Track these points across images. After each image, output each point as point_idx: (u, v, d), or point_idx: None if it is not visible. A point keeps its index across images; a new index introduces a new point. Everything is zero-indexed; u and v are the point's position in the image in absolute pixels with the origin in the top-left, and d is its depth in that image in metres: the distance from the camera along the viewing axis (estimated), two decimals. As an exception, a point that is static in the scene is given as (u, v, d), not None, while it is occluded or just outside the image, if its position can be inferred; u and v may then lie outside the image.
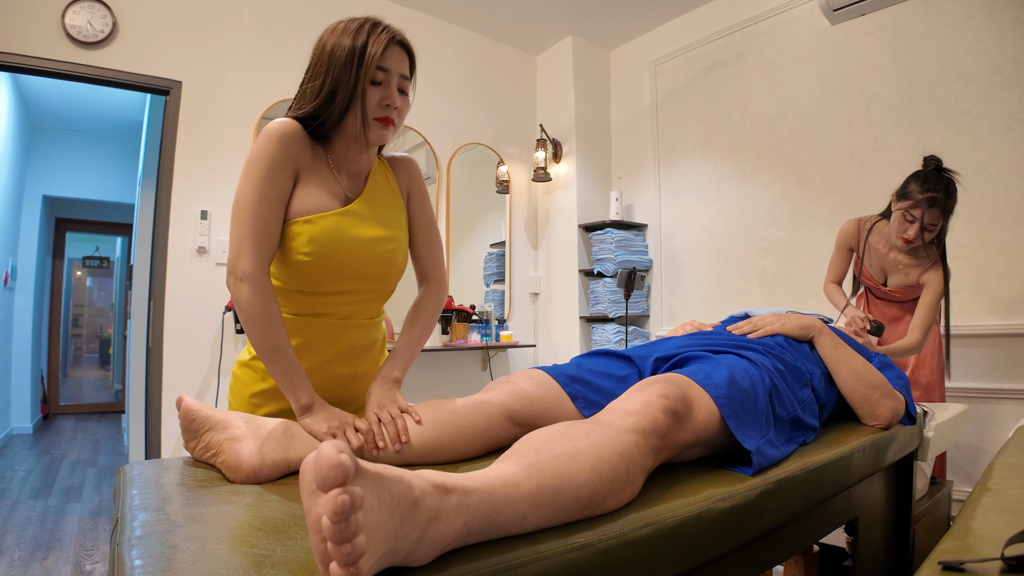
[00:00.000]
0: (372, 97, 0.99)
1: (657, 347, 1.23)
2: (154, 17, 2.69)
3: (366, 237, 1.04)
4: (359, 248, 1.03)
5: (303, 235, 0.98)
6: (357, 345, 1.11)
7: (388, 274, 1.09)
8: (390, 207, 1.11)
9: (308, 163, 1.02)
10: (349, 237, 1.01)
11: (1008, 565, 0.48)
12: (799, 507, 0.94)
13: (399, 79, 1.01)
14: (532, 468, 0.64)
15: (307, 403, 0.94)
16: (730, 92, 3.32)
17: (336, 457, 0.45)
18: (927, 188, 1.83)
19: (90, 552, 2.38)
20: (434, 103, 3.59)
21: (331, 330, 1.07)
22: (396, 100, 1.01)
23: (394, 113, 1.02)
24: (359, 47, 0.97)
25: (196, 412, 0.91)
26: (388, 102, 1.00)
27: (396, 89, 1.01)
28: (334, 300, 1.06)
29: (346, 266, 1.02)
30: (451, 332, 3.43)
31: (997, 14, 2.36)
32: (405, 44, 1.03)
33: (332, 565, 0.45)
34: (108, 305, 7.12)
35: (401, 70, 1.01)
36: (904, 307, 2.11)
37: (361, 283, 1.06)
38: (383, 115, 1.01)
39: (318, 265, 1.00)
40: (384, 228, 1.07)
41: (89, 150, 5.56)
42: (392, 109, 1.01)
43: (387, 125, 1.02)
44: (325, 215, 1.00)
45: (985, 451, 2.33)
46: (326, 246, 0.99)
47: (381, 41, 0.97)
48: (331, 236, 1.00)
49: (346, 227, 1.02)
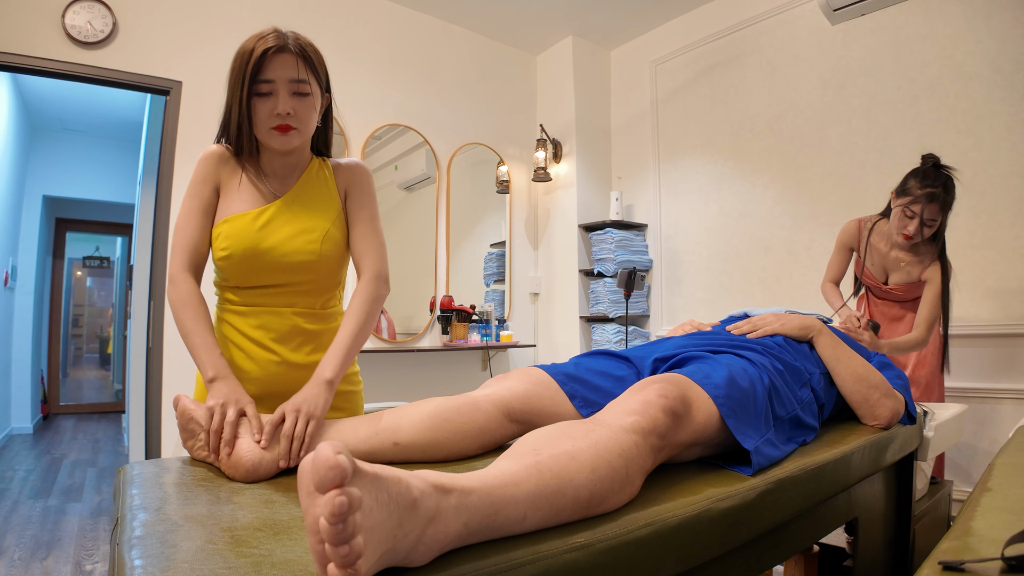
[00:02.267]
0: (262, 110, 1.04)
1: (656, 347, 1.23)
2: (154, 17, 2.69)
3: (283, 230, 1.09)
4: (274, 242, 1.07)
5: (221, 234, 1.07)
6: (297, 332, 1.13)
7: (314, 266, 1.11)
8: (318, 201, 1.15)
9: (230, 177, 1.11)
10: (263, 233, 1.07)
11: (1008, 565, 0.47)
12: (799, 507, 0.94)
13: (289, 84, 1.03)
14: (531, 468, 0.64)
15: (211, 376, 0.98)
16: (730, 92, 3.32)
17: (334, 458, 0.45)
18: (926, 184, 1.86)
19: (90, 552, 2.38)
20: (434, 103, 3.59)
21: (267, 316, 1.11)
22: (287, 107, 1.03)
23: (290, 119, 1.04)
24: (241, 65, 1.03)
25: (193, 411, 0.92)
26: (277, 111, 1.03)
27: (288, 94, 1.03)
28: (267, 292, 1.11)
29: (263, 260, 1.07)
30: (451, 332, 3.43)
31: (997, 14, 2.36)
32: (290, 48, 1.04)
33: (330, 566, 0.45)
34: (108, 305, 7.12)
35: (288, 75, 1.03)
36: (905, 306, 2.11)
37: (287, 276, 1.10)
38: (276, 124, 1.05)
39: (236, 260, 1.07)
40: (307, 220, 1.11)
41: (89, 150, 5.56)
42: (285, 116, 1.04)
43: (284, 132, 1.05)
44: (240, 214, 1.08)
45: (985, 451, 2.33)
46: (239, 241, 1.06)
47: (257, 53, 1.01)
48: (244, 233, 1.06)
49: (262, 223, 1.08)
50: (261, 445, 0.86)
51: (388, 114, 3.40)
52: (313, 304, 1.15)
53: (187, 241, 1.08)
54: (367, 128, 3.32)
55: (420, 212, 3.57)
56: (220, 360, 1.00)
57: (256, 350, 1.10)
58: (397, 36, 3.44)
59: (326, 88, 1.15)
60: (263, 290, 1.11)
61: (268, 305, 1.11)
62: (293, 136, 1.07)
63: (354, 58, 3.26)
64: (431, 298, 3.51)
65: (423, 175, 3.56)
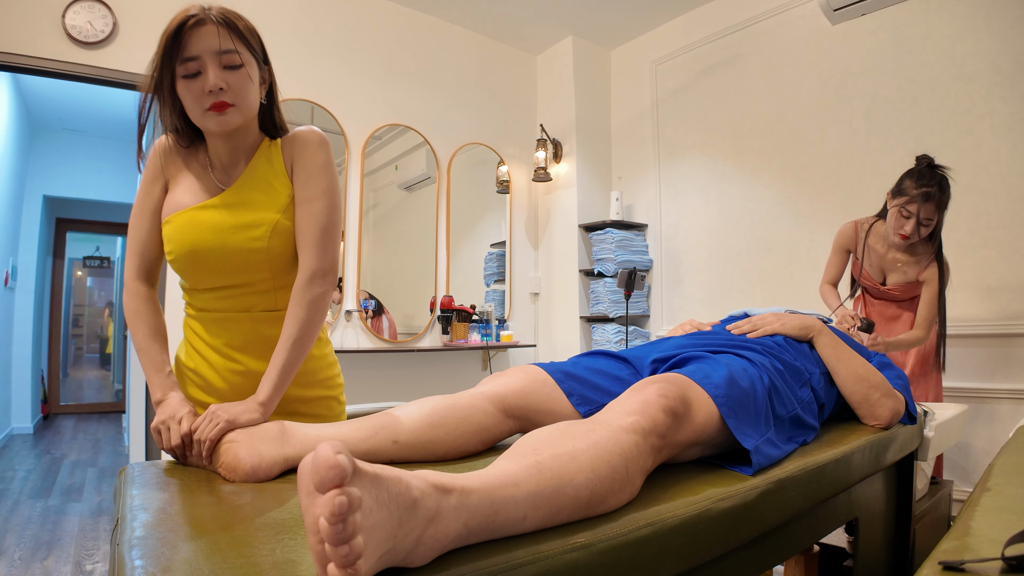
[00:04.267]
0: (192, 90, 0.94)
1: (655, 347, 1.23)
2: (154, 17, 2.69)
3: (224, 226, 0.99)
4: (216, 238, 0.98)
5: (165, 235, 1.01)
6: (258, 339, 1.05)
7: (265, 263, 1.01)
8: (268, 190, 1.03)
9: (176, 170, 1.04)
10: (204, 229, 0.98)
11: (1008, 565, 0.47)
12: (799, 507, 0.94)
13: (217, 57, 0.93)
14: (531, 468, 0.64)
15: (158, 399, 0.96)
16: (730, 92, 3.32)
17: (333, 458, 0.45)
18: (921, 184, 1.88)
19: (90, 552, 2.38)
20: (434, 103, 3.59)
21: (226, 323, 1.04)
22: (217, 81, 0.92)
23: (224, 95, 0.94)
24: (160, 51, 0.93)
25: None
26: (209, 88, 0.93)
27: (218, 68, 0.93)
28: (222, 295, 1.03)
29: (209, 259, 0.99)
30: (451, 332, 3.43)
31: (997, 14, 2.36)
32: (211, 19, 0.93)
33: (330, 566, 0.45)
34: (108, 305, 7.12)
35: (212, 47, 0.92)
36: (903, 306, 2.12)
37: (237, 276, 1.01)
38: (210, 103, 0.94)
39: (181, 262, 1.00)
40: (252, 213, 1.00)
41: (89, 150, 5.57)
42: (218, 93, 0.93)
43: (221, 110, 0.94)
44: (180, 212, 1.00)
45: (985, 451, 2.33)
46: (181, 243, 0.99)
47: (168, 31, 0.91)
48: (184, 232, 0.99)
49: (202, 220, 0.99)
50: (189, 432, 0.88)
51: (388, 114, 3.40)
52: (274, 304, 1.05)
53: (137, 244, 1.02)
54: (367, 128, 3.32)
55: (420, 212, 3.57)
56: (168, 380, 0.98)
57: (217, 358, 1.05)
58: (397, 36, 3.44)
59: (264, 60, 1.03)
60: (217, 292, 1.03)
61: (226, 310, 1.04)
62: (231, 113, 0.95)
63: (354, 58, 3.26)
64: (431, 298, 3.51)
65: (423, 175, 3.56)
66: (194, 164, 1.04)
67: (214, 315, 1.05)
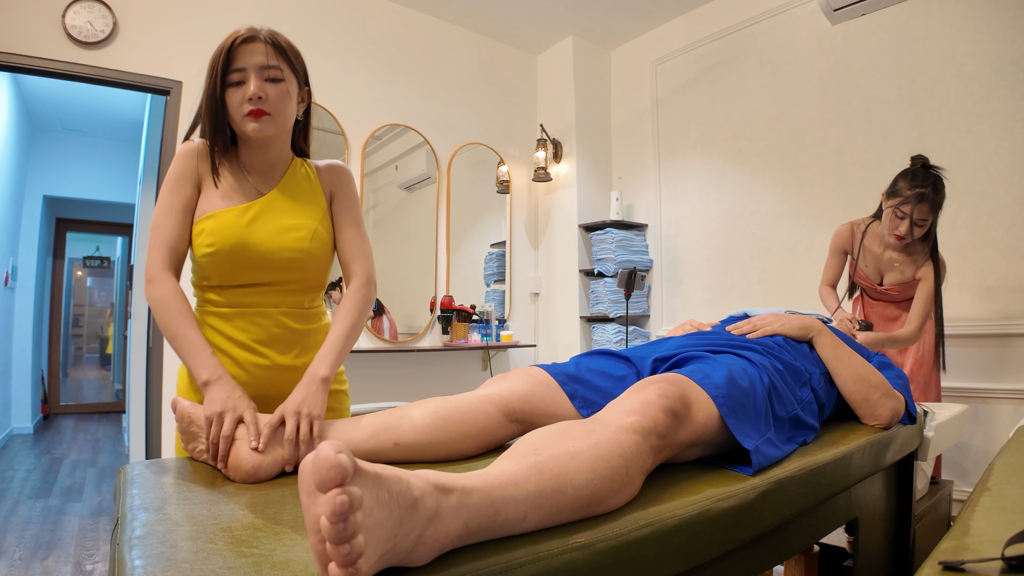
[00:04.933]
0: (235, 98, 1.03)
1: (656, 347, 1.23)
2: (154, 17, 2.69)
3: (271, 227, 1.07)
4: (262, 238, 1.05)
5: (205, 231, 1.04)
6: (285, 332, 1.10)
7: (302, 264, 1.09)
8: (306, 200, 1.13)
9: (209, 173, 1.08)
10: (251, 228, 1.05)
11: (1008, 565, 0.48)
12: (799, 507, 0.94)
13: (261, 71, 1.03)
14: (532, 468, 0.65)
15: (205, 379, 0.96)
16: (730, 92, 3.32)
17: (335, 457, 0.45)
18: (915, 184, 1.89)
19: (91, 552, 2.38)
20: (434, 103, 3.59)
21: (253, 317, 1.08)
22: (258, 92, 1.02)
23: (263, 104, 1.03)
24: (214, 60, 1.03)
25: (192, 414, 0.92)
26: (249, 96, 1.02)
27: (261, 81, 1.03)
28: (251, 291, 1.08)
29: (250, 257, 1.05)
30: (451, 332, 3.43)
31: (997, 14, 2.36)
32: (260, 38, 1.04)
33: (331, 565, 0.45)
34: (108, 305, 7.12)
35: (259, 62, 1.03)
36: (900, 306, 2.13)
37: (274, 274, 1.08)
38: (249, 109, 1.03)
39: (221, 258, 1.04)
40: (294, 218, 1.09)
41: (89, 150, 5.56)
42: (257, 101, 1.02)
43: (258, 117, 1.03)
44: (226, 210, 1.05)
45: (983, 451, 2.33)
46: (225, 238, 1.03)
47: (224, 47, 1.02)
48: (231, 229, 1.04)
49: (248, 219, 1.05)
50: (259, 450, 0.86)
51: (388, 114, 3.40)
52: (300, 303, 1.13)
53: (167, 239, 1.04)
54: (367, 128, 3.32)
55: (420, 212, 3.57)
56: (212, 360, 0.98)
57: (241, 353, 1.07)
58: (397, 36, 3.44)
59: (304, 82, 1.13)
60: (248, 289, 1.07)
61: (254, 305, 1.08)
62: (266, 122, 1.04)
63: (354, 58, 3.26)
64: (431, 298, 3.51)
65: (423, 175, 3.56)
66: (231, 170, 1.10)
67: (242, 310, 1.08)
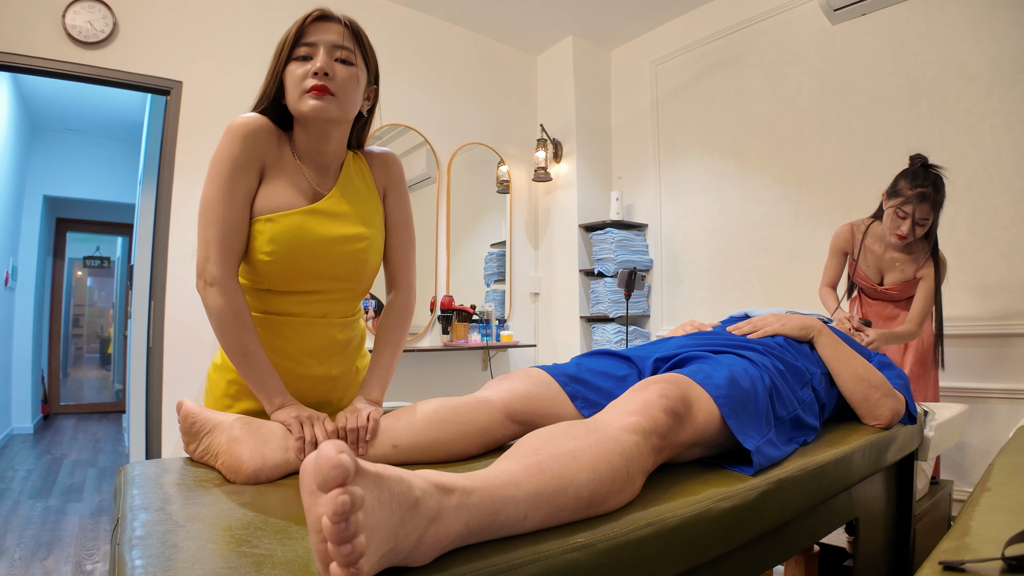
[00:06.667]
0: (297, 72, 0.96)
1: (657, 347, 1.23)
2: (154, 17, 2.69)
3: (333, 236, 0.99)
4: (324, 247, 0.98)
5: (264, 234, 0.95)
6: (330, 344, 1.07)
7: (359, 274, 1.04)
8: (364, 204, 1.06)
9: (274, 159, 0.99)
10: (313, 236, 0.97)
11: (1008, 565, 0.48)
12: (799, 507, 0.94)
13: (332, 49, 0.96)
14: (532, 468, 0.65)
15: (280, 403, 0.94)
16: (730, 92, 3.32)
17: (336, 457, 0.45)
18: (916, 184, 1.89)
19: (91, 552, 2.38)
20: (434, 103, 3.59)
21: (303, 328, 1.03)
22: (326, 67, 0.94)
23: (328, 81, 0.95)
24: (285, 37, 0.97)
25: (196, 415, 0.92)
26: (315, 70, 0.94)
27: (330, 59, 0.96)
28: (303, 299, 1.02)
29: (311, 266, 0.98)
30: (451, 332, 3.43)
31: (997, 14, 2.36)
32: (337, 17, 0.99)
33: (332, 565, 0.45)
34: (109, 305, 7.12)
35: (331, 39, 0.96)
36: (899, 305, 2.13)
37: (330, 283, 1.02)
38: (311, 84, 0.94)
39: (281, 265, 0.97)
40: (355, 226, 1.02)
41: (89, 150, 5.56)
42: (322, 76, 0.94)
43: (320, 94, 0.94)
44: (287, 213, 0.97)
45: (982, 450, 2.34)
46: (287, 245, 0.96)
47: (300, 20, 0.96)
48: (293, 235, 0.96)
49: (311, 226, 0.98)
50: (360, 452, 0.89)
51: (388, 114, 3.40)
52: (346, 311, 1.09)
53: (231, 238, 0.93)
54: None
55: (420, 212, 3.57)
56: (282, 385, 0.96)
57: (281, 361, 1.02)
58: (397, 36, 3.44)
59: (374, 80, 1.07)
60: (300, 296, 1.02)
61: (303, 315, 1.03)
62: (329, 102, 0.95)
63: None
64: (431, 298, 3.51)
65: (423, 175, 3.56)
66: (287, 159, 1.01)
67: (289, 319, 1.02)
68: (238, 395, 1.06)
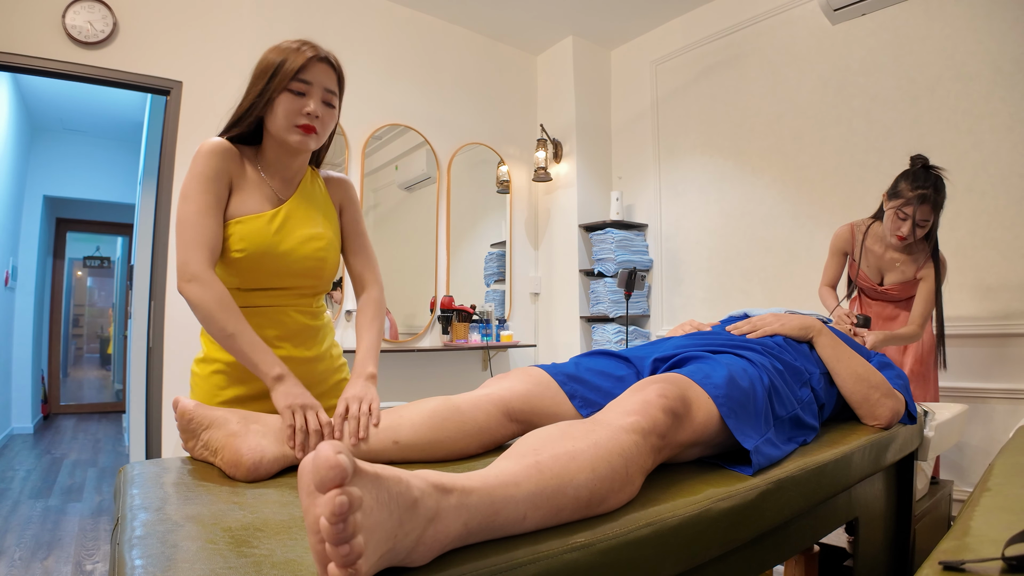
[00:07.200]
0: (292, 105, 1.07)
1: (656, 347, 1.23)
2: (154, 17, 2.69)
3: (295, 236, 1.11)
4: (288, 246, 1.10)
5: (235, 234, 1.07)
6: (302, 328, 1.17)
7: (320, 271, 1.15)
8: (320, 209, 1.19)
9: (239, 174, 1.11)
10: (278, 236, 1.09)
11: (1008, 565, 0.48)
12: (799, 507, 0.94)
13: (323, 92, 1.09)
14: (532, 468, 0.64)
15: (278, 374, 0.98)
16: (730, 92, 3.32)
17: (334, 458, 0.45)
18: (917, 185, 1.89)
19: (91, 552, 2.38)
20: (434, 103, 3.59)
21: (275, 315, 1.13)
22: (318, 110, 1.08)
23: (316, 122, 1.08)
24: (279, 61, 1.06)
25: (193, 412, 0.92)
26: (308, 111, 1.07)
27: (320, 101, 1.09)
28: (269, 295, 1.12)
29: (277, 263, 1.10)
30: (451, 332, 3.43)
31: (997, 14, 2.36)
32: (331, 62, 1.11)
33: (330, 566, 0.45)
34: (109, 305, 7.13)
35: (325, 84, 1.09)
36: (899, 305, 2.14)
37: (294, 279, 1.13)
38: (303, 123, 1.07)
39: (250, 261, 1.07)
40: (313, 227, 1.15)
41: (89, 150, 5.56)
42: (313, 118, 1.08)
43: (308, 132, 1.08)
44: (255, 216, 1.08)
45: (981, 450, 2.34)
46: (256, 244, 1.07)
47: (303, 55, 1.06)
48: (260, 235, 1.08)
49: (276, 226, 1.10)
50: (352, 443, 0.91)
51: (388, 114, 3.40)
52: (310, 304, 1.19)
53: (206, 238, 1.04)
54: (367, 128, 3.32)
55: (420, 212, 3.57)
56: (277, 358, 1.00)
57: None
58: (397, 36, 3.44)
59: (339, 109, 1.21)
60: (267, 292, 1.12)
61: (275, 304, 1.13)
62: (312, 139, 1.10)
63: (354, 58, 3.26)
64: (431, 298, 3.51)
65: (423, 175, 3.56)
66: (252, 171, 1.13)
67: (264, 309, 1.12)
68: (225, 384, 1.12)
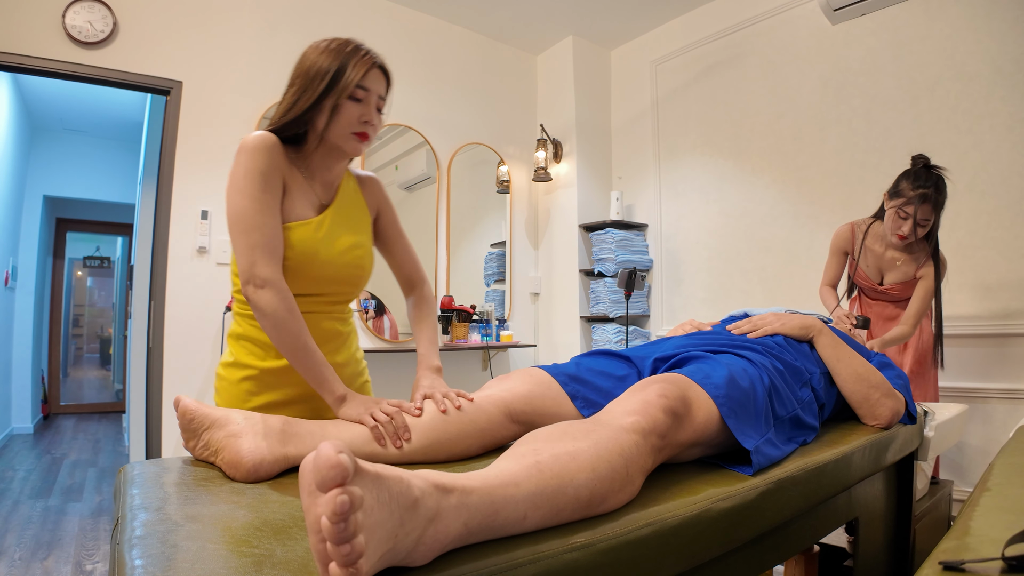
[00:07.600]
0: (352, 113, 1.07)
1: (656, 347, 1.23)
2: (154, 17, 2.69)
3: (338, 243, 1.12)
4: (331, 255, 1.10)
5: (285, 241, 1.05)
6: (334, 334, 1.17)
7: (359, 278, 1.17)
8: (358, 215, 1.20)
9: (289, 174, 1.09)
10: (323, 242, 1.09)
11: (1008, 565, 0.48)
12: (799, 507, 0.94)
13: (377, 99, 1.10)
14: (532, 468, 0.65)
15: (342, 394, 0.99)
16: (730, 92, 3.32)
17: (335, 457, 0.45)
18: (918, 185, 1.89)
19: (91, 552, 2.39)
20: (434, 103, 3.59)
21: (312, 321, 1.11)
22: (375, 118, 1.10)
23: (371, 129, 1.10)
24: (342, 67, 1.05)
25: (195, 411, 0.92)
26: (367, 119, 1.08)
27: (374, 108, 1.10)
28: (306, 301, 1.10)
29: (320, 270, 1.09)
30: (451, 332, 3.43)
31: (997, 14, 2.36)
32: (384, 68, 1.12)
33: (331, 565, 0.45)
34: (109, 305, 7.13)
35: (380, 91, 1.11)
36: (899, 305, 2.14)
37: (332, 286, 1.13)
38: (361, 130, 1.08)
39: (295, 268, 1.06)
40: (353, 234, 1.15)
41: (89, 150, 5.56)
42: (370, 126, 1.09)
43: (364, 140, 1.10)
44: (303, 223, 1.07)
45: (980, 450, 2.34)
46: (303, 251, 1.06)
47: (365, 63, 1.06)
48: (308, 242, 1.07)
49: (322, 234, 1.09)
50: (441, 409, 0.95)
51: (388, 114, 3.40)
52: (342, 311, 1.20)
53: (274, 241, 1.00)
54: (367, 128, 3.31)
55: (420, 212, 3.57)
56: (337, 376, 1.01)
57: None
58: (397, 36, 3.44)
59: None
60: (304, 298, 1.10)
61: (310, 311, 1.11)
62: (365, 146, 1.11)
63: (354, 58, 3.26)
64: (431, 298, 3.51)
65: (423, 175, 3.56)
66: (296, 173, 1.10)
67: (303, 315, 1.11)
68: (255, 389, 1.11)
